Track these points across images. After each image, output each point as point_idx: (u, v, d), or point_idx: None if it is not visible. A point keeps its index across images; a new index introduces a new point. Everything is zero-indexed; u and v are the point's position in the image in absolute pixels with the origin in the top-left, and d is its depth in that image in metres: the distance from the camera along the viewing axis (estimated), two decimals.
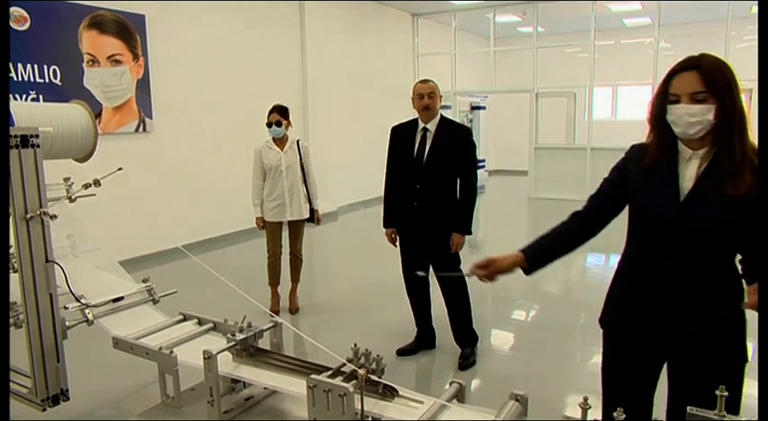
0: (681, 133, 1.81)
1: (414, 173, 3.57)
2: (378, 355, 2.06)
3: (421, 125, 3.62)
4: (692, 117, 1.77)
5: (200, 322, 2.78)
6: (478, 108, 13.62)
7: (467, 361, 3.74)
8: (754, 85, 8.58)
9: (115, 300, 2.72)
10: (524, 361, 3.89)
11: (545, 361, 3.82)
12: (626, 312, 2.02)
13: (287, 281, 4.85)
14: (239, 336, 2.32)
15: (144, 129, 6.43)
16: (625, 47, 11.81)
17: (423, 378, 3.74)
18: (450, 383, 2.09)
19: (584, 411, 1.68)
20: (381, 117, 10.65)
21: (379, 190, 4.12)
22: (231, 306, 2.85)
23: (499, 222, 9.75)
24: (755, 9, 10.85)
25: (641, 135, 8.22)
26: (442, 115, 3.68)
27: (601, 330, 2.14)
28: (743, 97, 1.94)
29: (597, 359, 3.87)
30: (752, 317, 1.73)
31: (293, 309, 4.79)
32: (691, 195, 1.79)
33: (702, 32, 10.68)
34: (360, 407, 1.89)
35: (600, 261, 7.04)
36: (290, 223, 4.69)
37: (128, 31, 6.17)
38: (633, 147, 2.09)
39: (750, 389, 1.86)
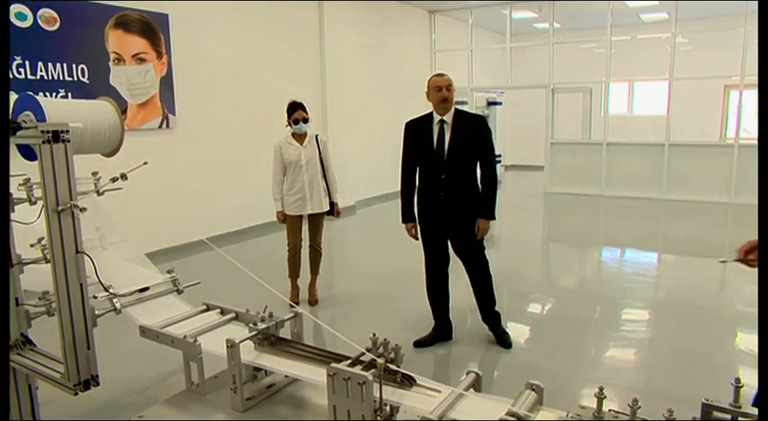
0: None
1: (437, 164, 3.62)
2: (396, 345, 2.12)
3: (437, 117, 3.67)
4: None
5: (223, 312, 2.86)
6: (495, 104, 13.59)
7: (506, 337, 3.91)
8: None
9: (141, 291, 2.81)
10: (541, 353, 3.91)
11: (561, 353, 3.84)
12: None
13: (306, 273, 4.92)
14: (261, 326, 2.40)
15: (167, 126, 6.55)
16: (642, 42, 11.70)
17: (441, 368, 3.79)
18: (467, 373, 2.14)
19: (600, 401, 1.72)
20: (399, 113, 10.62)
21: (397, 184, 4.17)
22: (253, 297, 2.93)
23: (516, 217, 9.75)
24: None
25: (658, 130, 8.29)
26: (455, 107, 3.76)
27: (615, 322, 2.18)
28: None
29: (612, 352, 3.93)
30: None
31: (313, 301, 4.85)
32: None
33: (720, 28, 10.57)
34: (378, 396, 1.95)
35: (615, 255, 7.04)
36: (311, 216, 4.75)
37: (152, 29, 6.29)
38: None
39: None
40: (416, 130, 3.76)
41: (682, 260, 6.69)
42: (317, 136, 4.74)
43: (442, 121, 3.66)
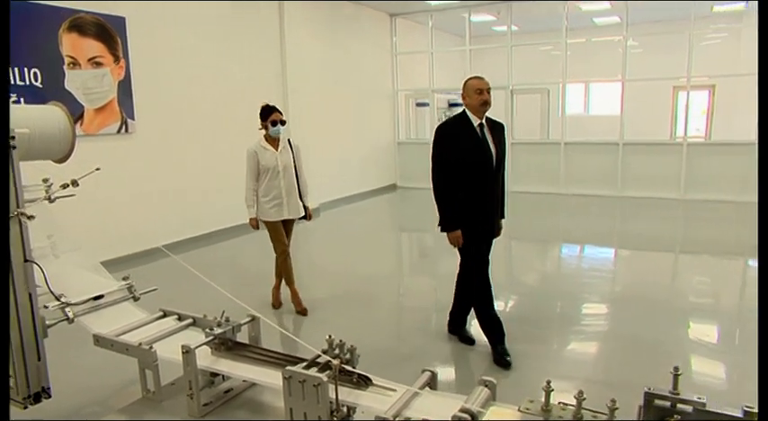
0: None
1: (488, 167, 3.58)
2: (352, 346, 2.15)
3: (477, 120, 3.55)
4: None
5: (181, 318, 2.84)
6: (456, 105, 13.75)
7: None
8: (717, 81, 8.91)
9: (95, 298, 2.76)
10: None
11: (522, 348, 3.90)
12: None
13: (270, 278, 4.86)
14: (217, 331, 2.39)
15: (126, 131, 6.42)
16: (596, 45, 12.03)
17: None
18: (423, 371, 2.19)
19: (547, 394, 1.79)
20: (361, 114, 10.75)
21: (361, 186, 4.19)
22: (220, 302, 2.89)
23: None
24: (716, 8, 11.17)
25: (613, 129, 8.51)
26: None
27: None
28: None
29: (573, 345, 4.04)
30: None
31: (304, 311, 4.64)
32: None
33: (668, 31, 10.93)
34: (335, 397, 1.98)
35: (574, 251, 7.22)
36: (285, 222, 4.66)
37: (108, 33, 6.15)
38: None
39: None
40: (457, 134, 3.59)
41: (636, 254, 6.90)
42: (289, 140, 4.68)
43: (481, 125, 3.57)
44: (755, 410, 1.61)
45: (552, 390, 1.73)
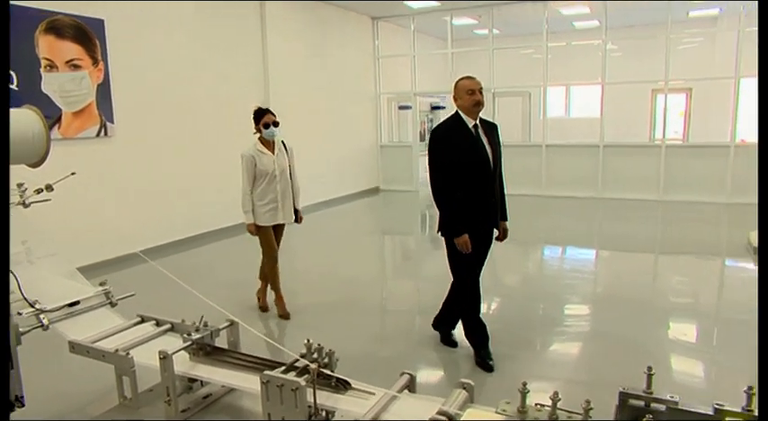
0: None
1: (486, 169, 3.53)
2: (330, 350, 2.14)
3: (471, 122, 3.50)
4: None
5: (159, 324, 2.81)
6: (438, 108, 13.84)
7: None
8: (694, 85, 9.07)
9: (71, 305, 2.72)
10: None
11: (506, 350, 3.91)
12: None
13: (252, 282, 4.83)
14: (195, 336, 2.37)
15: (105, 134, 6.34)
16: (576, 48, 12.18)
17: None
18: (401, 374, 2.19)
19: (523, 395, 1.80)
20: (344, 118, 10.75)
21: (344, 190, 4.19)
22: (203, 308, 2.84)
23: None
24: (692, 13, 11.39)
25: (593, 131, 8.61)
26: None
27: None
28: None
29: (555, 346, 4.07)
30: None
31: (286, 315, 4.60)
32: None
33: (645, 35, 11.11)
34: (313, 401, 1.97)
35: (556, 253, 7.28)
36: (276, 226, 4.59)
37: (86, 35, 6.08)
38: None
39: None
40: (453, 137, 3.52)
41: (617, 255, 6.98)
42: (283, 142, 4.62)
43: (476, 126, 3.52)
44: (726, 408, 1.64)
45: (528, 392, 1.75)
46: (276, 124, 4.48)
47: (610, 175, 10.12)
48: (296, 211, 4.68)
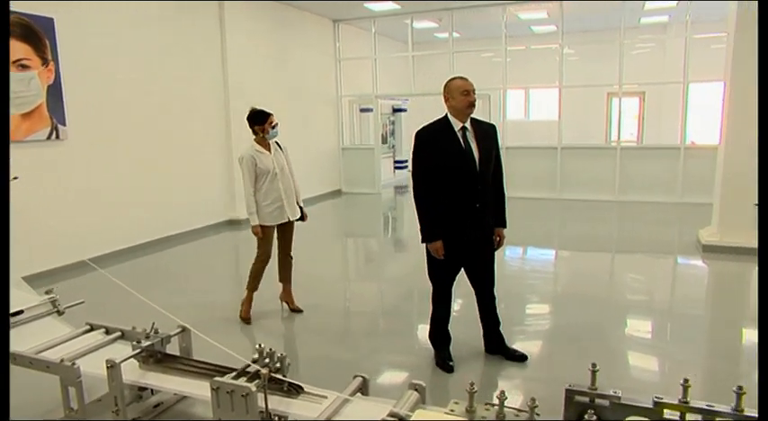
0: None
1: (471, 174, 3.40)
2: (282, 354, 2.13)
3: (458, 124, 3.40)
4: None
5: (108, 331, 2.74)
6: (400, 110, 13.90)
7: (516, 351, 3.77)
8: (646, 89, 9.33)
9: (14, 315, 2.63)
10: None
11: (467, 350, 3.94)
12: None
13: (213, 287, 4.77)
14: (145, 343, 2.32)
15: (57, 137, 6.14)
16: (534, 52, 12.41)
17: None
18: (354, 377, 2.19)
19: (471, 395, 1.82)
20: (305, 120, 10.68)
21: (306, 192, 4.17)
22: (158, 315, 2.78)
23: None
24: (644, 20, 11.76)
25: (552, 134, 8.79)
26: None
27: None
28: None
29: (517, 345, 4.10)
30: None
31: (296, 309, 4.70)
32: None
33: (600, 40, 11.40)
34: (264, 406, 1.95)
35: (517, 253, 7.38)
36: (285, 225, 4.60)
37: (35, 34, 5.87)
38: None
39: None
40: (437, 139, 3.42)
41: (576, 255, 7.13)
42: (277, 142, 4.63)
43: (464, 128, 3.41)
44: (664, 400, 1.69)
45: (475, 392, 1.77)
46: (276, 125, 4.54)
47: (568, 177, 10.35)
48: (300, 209, 4.69)
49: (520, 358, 3.74)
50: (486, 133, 3.50)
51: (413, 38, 11.39)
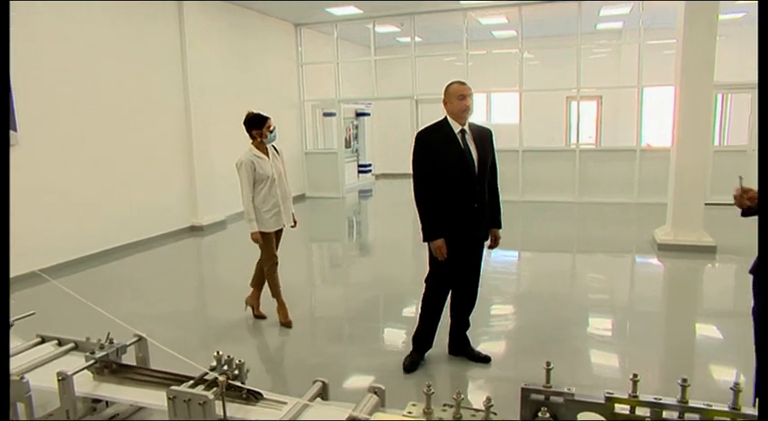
0: None
1: (470, 175, 3.47)
2: (240, 361, 2.11)
3: (458, 127, 3.48)
4: None
5: (61, 343, 2.66)
6: (363, 114, 13.93)
7: (480, 352, 3.82)
8: (603, 93, 9.60)
9: None
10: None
11: (432, 351, 3.97)
12: None
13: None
14: (98, 354, 2.27)
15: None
16: (496, 57, 12.62)
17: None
18: (314, 382, 2.18)
19: (428, 397, 1.84)
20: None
21: None
22: (117, 324, 2.69)
23: (388, 223, 10.05)
24: (600, 26, 12.09)
25: (513, 137, 8.93)
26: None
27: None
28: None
29: (481, 347, 4.15)
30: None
31: (260, 315, 4.63)
32: None
33: (559, 45, 11.66)
34: (222, 414, 1.93)
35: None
36: (277, 231, 4.53)
37: None
38: None
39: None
40: (438, 141, 3.49)
41: (538, 256, 7.26)
42: (274, 146, 4.55)
43: (463, 131, 3.49)
44: (615, 395, 1.74)
45: (432, 393, 1.79)
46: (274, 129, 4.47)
47: (530, 179, 10.53)
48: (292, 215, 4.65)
49: (483, 359, 3.78)
50: (483, 137, 3.58)
51: (375, 42, 11.44)
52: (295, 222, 4.69)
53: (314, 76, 11.80)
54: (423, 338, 3.77)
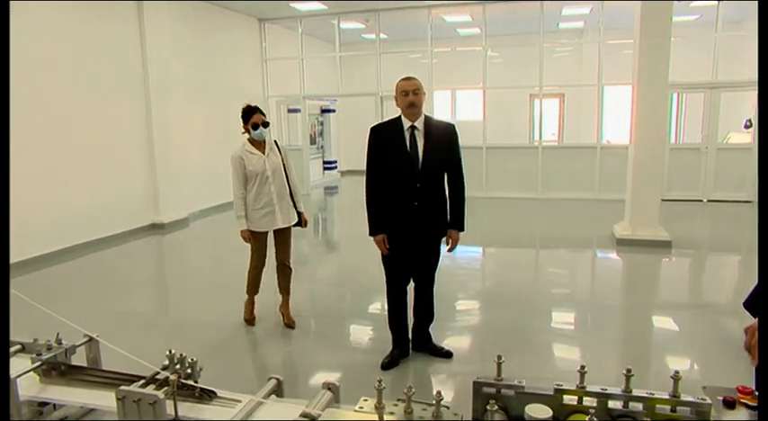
0: None
1: (411, 172, 3.42)
2: (193, 359, 2.07)
3: (407, 123, 3.44)
4: None
5: None
6: (328, 111, 13.87)
7: (442, 348, 3.86)
8: (565, 91, 9.72)
9: None
10: (379, 351, 4.00)
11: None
12: None
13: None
14: (45, 356, 2.20)
15: None
16: (460, 54, 12.71)
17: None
18: (269, 379, 2.16)
19: (379, 392, 1.84)
20: (231, 121, 10.43)
21: (230, 195, 4.06)
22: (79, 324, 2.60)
23: (353, 220, 10.02)
24: (561, 25, 12.29)
25: (477, 134, 8.96)
26: (425, 113, 3.52)
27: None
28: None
29: (447, 342, 4.18)
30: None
31: (291, 323, 4.43)
32: None
33: (522, 44, 11.83)
34: (174, 413, 1.90)
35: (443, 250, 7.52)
36: (279, 231, 4.32)
37: None
38: None
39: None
40: (385, 136, 3.50)
41: (503, 251, 7.36)
42: (275, 141, 4.38)
43: (412, 127, 3.44)
44: (564, 387, 1.77)
45: (384, 388, 1.79)
46: (266, 125, 4.26)
47: (493, 176, 10.65)
48: (299, 214, 4.42)
49: (446, 355, 3.81)
50: (441, 133, 3.51)
51: (340, 38, 11.40)
52: (305, 222, 4.47)
53: (278, 71, 11.70)
54: (394, 335, 3.78)
